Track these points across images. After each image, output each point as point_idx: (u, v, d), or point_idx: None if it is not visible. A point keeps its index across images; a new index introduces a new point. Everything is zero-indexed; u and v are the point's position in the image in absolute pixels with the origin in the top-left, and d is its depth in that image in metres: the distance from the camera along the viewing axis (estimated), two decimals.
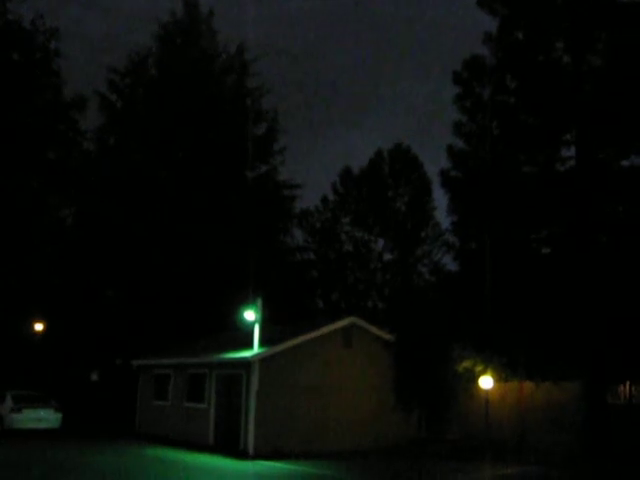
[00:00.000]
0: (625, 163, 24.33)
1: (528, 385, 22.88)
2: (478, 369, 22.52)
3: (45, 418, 25.87)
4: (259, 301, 21.65)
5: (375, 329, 23.81)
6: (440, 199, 35.30)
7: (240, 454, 20.40)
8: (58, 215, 37.20)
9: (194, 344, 27.27)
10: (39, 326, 32.48)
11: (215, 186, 34.47)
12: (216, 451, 21.23)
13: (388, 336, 23.79)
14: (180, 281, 32.47)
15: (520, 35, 26.22)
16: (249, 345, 21.35)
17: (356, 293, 43.89)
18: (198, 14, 38.10)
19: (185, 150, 36.10)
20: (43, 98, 34.78)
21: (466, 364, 22.95)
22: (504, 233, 24.95)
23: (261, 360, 20.84)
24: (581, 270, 23.00)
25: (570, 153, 25.09)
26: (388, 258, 44.51)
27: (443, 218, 36.92)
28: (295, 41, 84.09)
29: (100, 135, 37.23)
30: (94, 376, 36.91)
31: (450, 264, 33.45)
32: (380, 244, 44.63)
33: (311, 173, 66.65)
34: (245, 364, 21.06)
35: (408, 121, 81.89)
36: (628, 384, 22.78)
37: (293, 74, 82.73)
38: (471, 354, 23.05)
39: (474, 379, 22.42)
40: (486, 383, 21.51)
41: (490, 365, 22.31)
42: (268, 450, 20.29)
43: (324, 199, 46.02)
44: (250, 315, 21.36)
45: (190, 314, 31.68)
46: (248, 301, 22.12)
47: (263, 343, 21.22)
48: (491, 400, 21.87)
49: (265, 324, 21.96)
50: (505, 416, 22.79)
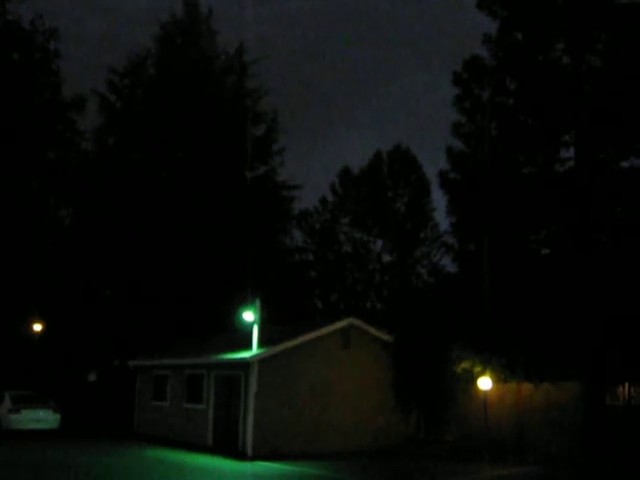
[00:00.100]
0: (625, 164, 24.37)
1: (527, 386, 22.88)
2: (477, 370, 22.53)
3: (44, 419, 25.83)
4: (258, 302, 21.63)
5: (374, 330, 23.81)
6: (439, 200, 35.32)
7: (239, 455, 20.39)
8: (57, 215, 37.19)
9: (193, 344, 27.25)
10: (38, 326, 32.48)
11: (214, 186, 34.48)
12: (215, 452, 21.22)
13: (387, 337, 23.82)
14: (179, 281, 32.46)
15: (520, 36, 26.26)
16: (248, 346, 21.33)
17: (355, 294, 43.86)
18: (198, 14, 38.10)
19: (184, 150, 36.08)
20: (42, 98, 34.77)
21: (465, 365, 22.97)
22: (503, 234, 24.95)
23: (260, 361, 20.83)
24: (580, 271, 23.01)
25: (569, 154, 25.15)
26: (387, 259, 44.49)
27: (442, 219, 36.96)
28: (294, 41, 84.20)
29: (99, 135, 37.20)
30: (92, 376, 36.90)
31: (449, 265, 33.54)
32: (379, 245, 44.61)
33: (310, 174, 66.76)
34: (244, 365, 21.05)
35: (407, 122, 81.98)
36: (627, 385, 22.77)
37: (293, 75, 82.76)
38: (470, 355, 23.08)
39: (473, 380, 22.42)
40: (485, 384, 21.51)
41: (489, 366, 22.31)
42: (267, 451, 20.29)
43: (323, 200, 45.99)
44: (249, 316, 21.35)
45: (189, 314, 31.67)
46: (247, 301, 22.12)
47: (262, 344, 21.20)
48: (490, 401, 21.86)
49: (264, 324, 21.93)
50: (504, 417, 22.79)
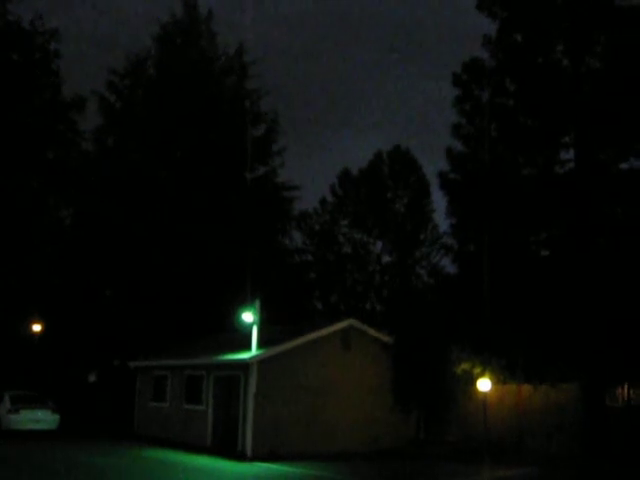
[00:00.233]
0: (624, 165, 24.37)
1: (526, 387, 22.89)
2: (476, 371, 22.54)
3: (43, 419, 25.83)
4: (257, 303, 21.62)
5: (373, 331, 23.81)
6: (439, 201, 35.35)
7: (238, 456, 20.38)
8: (58, 215, 37.17)
9: (192, 345, 27.25)
10: (38, 326, 32.47)
11: (214, 187, 34.48)
12: (214, 453, 21.20)
13: (387, 338, 23.82)
14: (179, 281, 32.46)
15: (519, 37, 26.24)
16: (247, 346, 21.32)
17: (355, 295, 43.84)
18: (198, 15, 38.11)
19: (184, 151, 36.08)
20: (42, 98, 34.78)
21: (464, 366, 22.98)
22: (503, 235, 24.93)
23: (259, 362, 20.82)
24: (580, 272, 23.01)
25: (569, 155, 25.13)
26: (387, 260, 44.46)
27: (442, 220, 36.88)
28: (294, 42, 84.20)
29: (99, 135, 37.19)
30: (92, 377, 36.88)
31: (449, 266, 33.45)
32: (379, 246, 44.58)
33: (310, 175, 66.65)
34: (243, 366, 21.05)
35: (407, 123, 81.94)
36: (626, 386, 22.77)
37: (292, 75, 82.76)
38: (469, 356, 23.09)
39: (472, 381, 22.43)
40: (484, 385, 21.51)
41: (488, 367, 22.32)
42: (266, 452, 20.28)
43: (323, 201, 45.95)
44: (248, 317, 21.33)
45: (189, 314, 31.67)
46: (247, 302, 22.11)
47: (261, 344, 21.19)
48: (489, 402, 21.86)
49: (264, 325, 21.91)
50: (503, 418, 22.79)
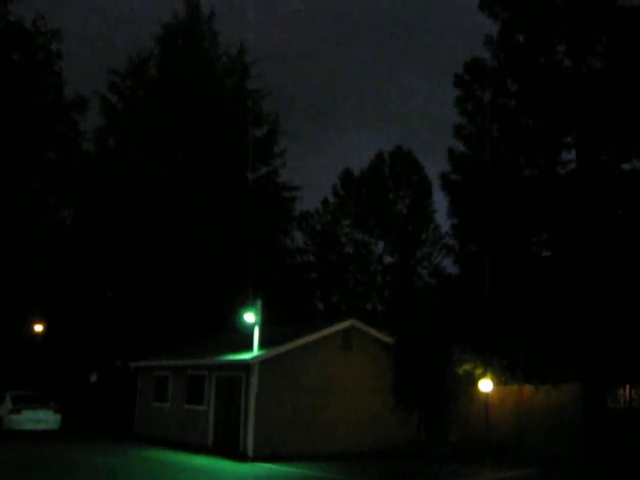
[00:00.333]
0: (626, 166, 24.32)
1: (528, 388, 22.89)
2: (478, 372, 22.55)
3: (44, 419, 25.83)
4: (259, 303, 21.63)
5: (375, 331, 23.82)
6: (440, 202, 35.28)
7: (239, 456, 20.38)
8: (58, 215, 37.12)
9: (194, 345, 27.25)
10: (39, 327, 32.48)
11: (215, 187, 34.48)
12: (215, 453, 21.20)
13: (388, 338, 23.83)
14: (180, 281, 32.45)
15: (521, 38, 26.18)
16: (248, 347, 21.32)
17: (356, 295, 43.85)
18: (199, 15, 38.11)
19: (186, 151, 36.07)
20: (44, 98, 34.74)
21: (466, 367, 22.99)
22: (504, 236, 24.90)
23: (261, 362, 20.82)
24: (581, 273, 22.98)
25: (571, 156, 25.08)
26: (388, 260, 44.47)
27: (443, 221, 36.83)
28: (296, 43, 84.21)
29: (100, 136, 37.19)
30: (93, 377, 36.91)
31: (450, 267, 33.44)
32: (380, 246, 44.60)
33: (312, 175, 66.60)
34: (244, 366, 21.05)
35: (409, 123, 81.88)
36: (628, 387, 22.75)
37: (294, 76, 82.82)
38: (471, 357, 23.10)
39: (474, 382, 22.44)
40: (486, 386, 21.51)
41: (490, 368, 22.32)
42: (267, 452, 20.29)
43: (324, 201, 45.99)
44: (250, 317, 21.34)
45: (190, 315, 31.67)
46: (248, 302, 22.10)
47: (263, 345, 21.19)
48: (491, 403, 21.86)
49: (265, 325, 21.93)
50: (505, 418, 22.80)
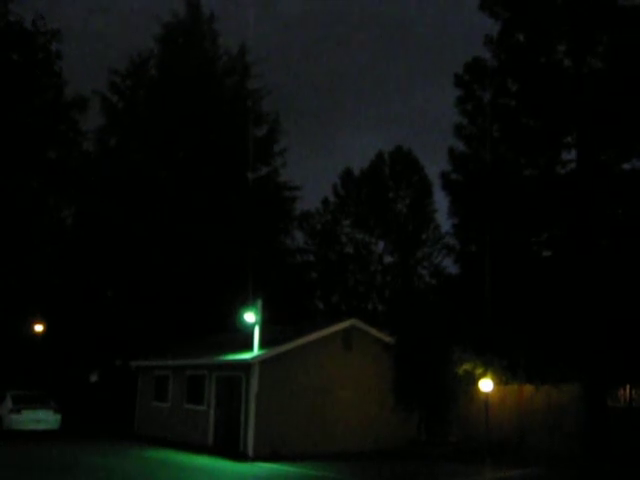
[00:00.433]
0: (626, 166, 24.32)
1: (528, 388, 22.89)
2: (478, 372, 22.53)
3: (44, 419, 25.84)
4: (259, 303, 21.63)
5: (375, 331, 23.82)
6: (441, 201, 35.33)
7: (239, 456, 20.38)
8: (58, 215, 37.12)
9: (194, 345, 27.24)
10: (39, 326, 32.49)
11: (215, 187, 34.48)
12: (215, 453, 21.20)
13: (388, 338, 23.82)
14: (180, 281, 32.45)
15: (521, 38, 26.17)
16: (249, 347, 21.32)
17: (356, 295, 43.85)
18: (200, 15, 38.12)
19: (186, 151, 36.08)
20: (44, 98, 34.72)
21: (466, 367, 22.97)
22: (505, 236, 24.90)
23: (261, 362, 20.82)
24: (581, 273, 22.98)
25: (571, 156, 25.08)
26: (389, 260, 44.47)
27: (444, 220, 36.84)
28: (297, 43, 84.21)
29: (101, 136, 37.20)
30: (93, 377, 36.91)
31: (451, 267, 33.45)
32: (380, 246, 44.60)
33: (312, 175, 66.66)
34: (245, 366, 21.04)
35: (409, 123, 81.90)
36: (628, 387, 22.74)
37: (294, 76, 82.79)
38: (471, 357, 23.08)
39: (474, 382, 22.43)
40: (486, 386, 21.51)
41: (490, 368, 22.31)
42: (267, 452, 20.29)
43: (325, 201, 46.00)
44: (250, 317, 21.34)
45: (190, 314, 31.66)
46: (248, 302, 22.11)
47: (263, 345, 21.19)
48: (491, 403, 21.86)
49: (265, 325, 21.93)
50: (505, 418, 22.79)
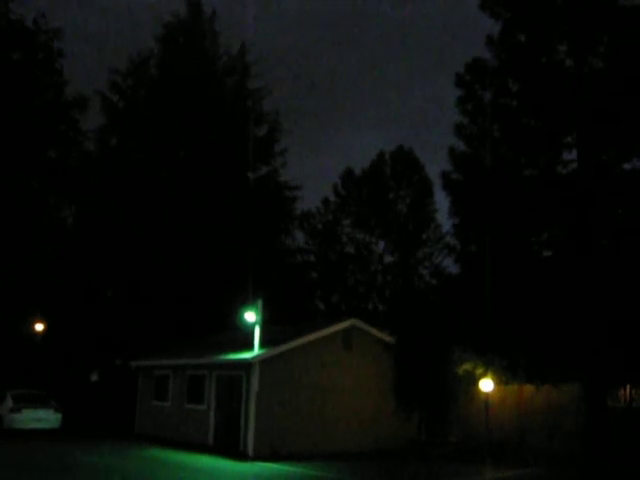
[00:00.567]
0: (627, 166, 24.32)
1: (528, 388, 22.88)
2: (478, 372, 22.53)
3: (45, 418, 25.82)
4: (259, 302, 21.63)
5: (375, 331, 23.82)
6: (441, 201, 35.32)
7: (240, 455, 20.38)
8: (58, 215, 37.14)
9: (194, 345, 27.23)
10: (39, 326, 32.48)
11: (216, 186, 34.47)
12: (215, 452, 21.19)
13: (388, 338, 23.82)
14: (180, 281, 32.44)
15: (522, 38, 26.17)
16: (249, 346, 21.32)
17: (357, 295, 43.85)
18: (201, 15, 38.12)
19: (187, 150, 36.09)
20: (44, 98, 34.74)
21: (466, 367, 22.96)
22: (505, 236, 24.89)
23: (261, 362, 20.82)
24: (582, 273, 22.98)
25: (572, 156, 25.08)
26: (389, 260, 44.49)
27: (444, 220, 36.86)
28: (297, 42, 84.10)
29: (101, 135, 37.20)
30: (94, 376, 36.90)
31: (451, 267, 33.44)
32: (381, 246, 44.62)
33: (313, 174, 66.66)
34: (245, 365, 21.04)
35: (410, 123, 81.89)
36: (628, 387, 22.74)
37: (295, 75, 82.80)
38: (471, 357, 23.07)
39: (474, 382, 22.43)
40: (486, 386, 21.49)
41: (490, 368, 22.30)
42: (268, 452, 20.29)
43: (325, 200, 46.02)
44: (250, 316, 21.34)
45: (190, 314, 31.65)
46: (248, 302, 22.11)
47: (263, 344, 21.19)
48: (491, 403, 21.85)
49: (265, 325, 21.92)
50: (505, 418, 22.78)
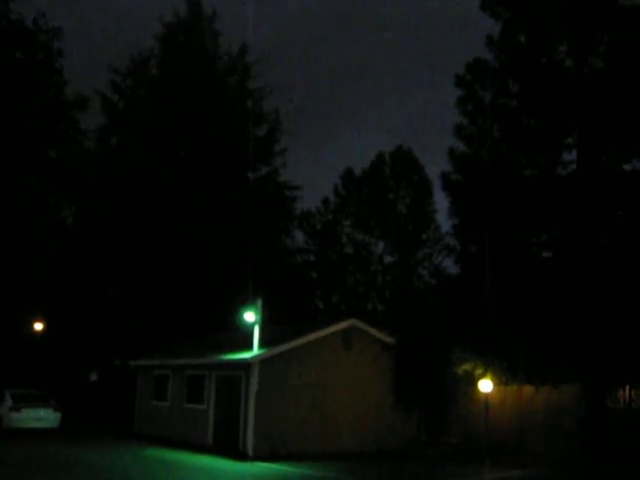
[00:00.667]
0: (627, 167, 24.34)
1: (528, 388, 22.87)
2: (478, 372, 22.52)
3: (44, 417, 25.82)
4: (259, 302, 21.62)
5: (375, 331, 23.80)
6: (441, 202, 35.32)
7: (239, 455, 20.37)
8: (58, 215, 37.14)
9: (194, 345, 27.23)
10: (39, 326, 32.47)
11: (216, 186, 34.47)
12: (215, 452, 21.19)
13: (388, 338, 23.81)
14: (180, 281, 32.44)
15: (522, 38, 26.19)
16: (249, 346, 21.31)
17: (356, 295, 43.84)
18: (201, 14, 38.11)
19: (187, 150, 36.07)
20: (45, 97, 34.73)
21: (466, 367, 22.97)
22: (505, 236, 24.92)
23: (261, 361, 20.81)
24: (581, 273, 22.98)
25: (572, 157, 25.09)
26: (389, 260, 44.47)
27: (444, 221, 36.86)
28: (297, 42, 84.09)
29: (101, 135, 37.20)
30: (93, 376, 36.90)
31: (451, 267, 33.50)
32: (381, 246, 44.60)
33: (312, 175, 66.64)
34: (245, 365, 21.03)
35: (410, 123, 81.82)
36: (628, 388, 22.75)
37: (295, 75, 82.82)
38: (471, 357, 23.08)
39: (474, 382, 22.41)
40: (486, 386, 21.48)
41: (490, 368, 22.29)
42: (267, 451, 20.28)
43: (325, 200, 46.00)
44: (250, 316, 21.33)
45: (190, 314, 31.65)
46: (248, 301, 22.10)
47: (263, 344, 21.18)
48: (491, 403, 21.83)
49: (265, 325, 21.92)
50: (505, 419, 22.77)
